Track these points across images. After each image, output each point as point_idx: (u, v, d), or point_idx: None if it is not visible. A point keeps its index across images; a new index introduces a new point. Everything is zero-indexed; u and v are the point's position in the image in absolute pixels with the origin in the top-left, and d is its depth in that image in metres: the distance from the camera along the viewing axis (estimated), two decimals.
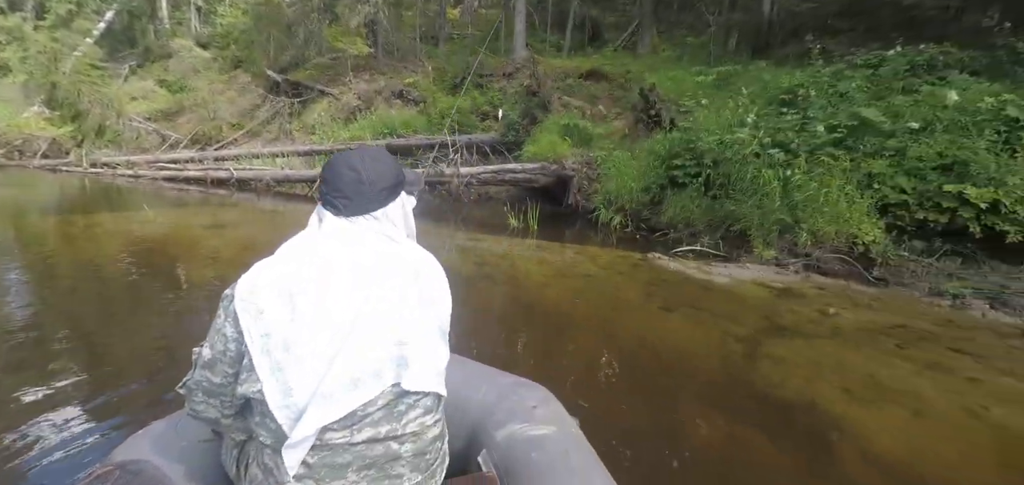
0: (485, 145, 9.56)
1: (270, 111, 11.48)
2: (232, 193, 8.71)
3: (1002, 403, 2.46)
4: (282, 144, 10.54)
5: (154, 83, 13.81)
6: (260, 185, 8.95)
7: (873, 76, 6.42)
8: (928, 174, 4.81)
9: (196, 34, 16.36)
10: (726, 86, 8.14)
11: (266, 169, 9.24)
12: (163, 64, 14.46)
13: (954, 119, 5.03)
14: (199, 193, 8.72)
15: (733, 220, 5.46)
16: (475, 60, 12.55)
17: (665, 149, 6.67)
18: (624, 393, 2.54)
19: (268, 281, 0.89)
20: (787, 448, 2.16)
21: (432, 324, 0.99)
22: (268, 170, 9.13)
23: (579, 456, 1.21)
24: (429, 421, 0.97)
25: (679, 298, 3.75)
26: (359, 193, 0.97)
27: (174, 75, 13.76)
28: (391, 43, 12.72)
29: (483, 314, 3.35)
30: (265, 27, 13.08)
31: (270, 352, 0.87)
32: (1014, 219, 4.28)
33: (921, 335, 3.25)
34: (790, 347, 3.01)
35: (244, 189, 8.94)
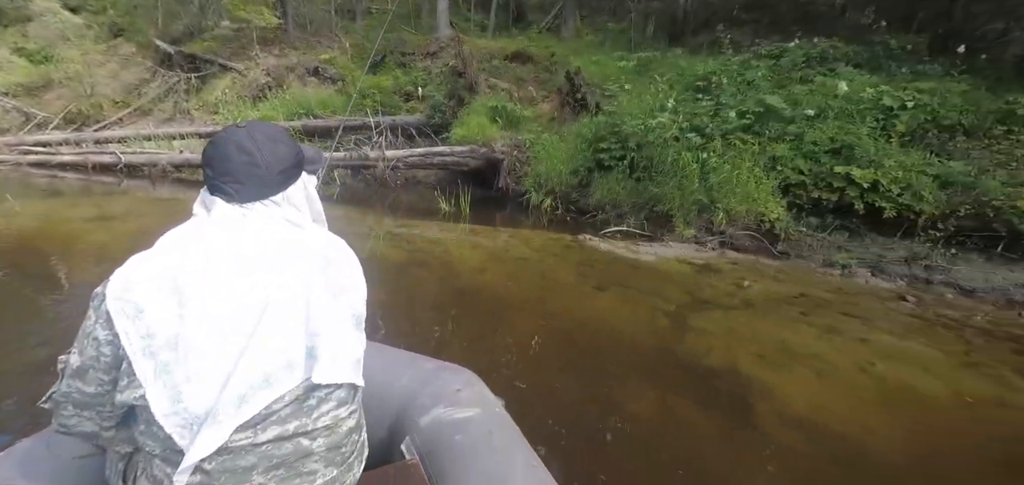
0: (410, 127, 9.28)
1: (162, 87, 10.31)
2: (120, 180, 7.77)
3: (884, 359, 2.82)
4: (179, 124, 9.53)
5: (9, 51, 11.83)
6: (155, 171, 8.04)
7: (775, 66, 7.00)
8: (822, 157, 5.33)
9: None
10: (646, 72, 8.48)
11: (161, 153, 8.32)
12: (20, 29, 12.43)
13: (843, 107, 5.61)
14: (78, 181, 7.68)
15: (656, 201, 5.74)
16: (396, 38, 12.11)
17: (592, 133, 6.85)
18: (561, 372, 2.61)
19: (147, 276, 0.81)
20: (713, 413, 2.33)
21: (344, 312, 0.94)
22: (164, 154, 8.23)
23: (503, 436, 1.22)
24: (343, 413, 0.93)
25: (610, 277, 3.90)
26: (254, 177, 0.90)
27: (36, 43, 11.89)
28: (302, 15, 11.91)
29: (418, 302, 3.28)
30: None
31: (155, 354, 0.79)
32: (889, 197, 4.87)
33: (819, 303, 3.63)
34: (711, 319, 3.23)
35: (135, 175, 8.00)
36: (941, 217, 4.71)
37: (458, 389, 1.35)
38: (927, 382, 2.60)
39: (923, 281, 4.39)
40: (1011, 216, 4.36)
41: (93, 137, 8.95)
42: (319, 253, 0.93)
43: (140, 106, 10.10)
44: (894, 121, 5.43)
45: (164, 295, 0.79)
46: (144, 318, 0.79)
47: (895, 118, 5.45)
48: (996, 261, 4.42)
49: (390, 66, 11.38)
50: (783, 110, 5.79)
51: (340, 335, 0.91)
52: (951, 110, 5.33)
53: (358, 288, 0.99)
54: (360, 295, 1.00)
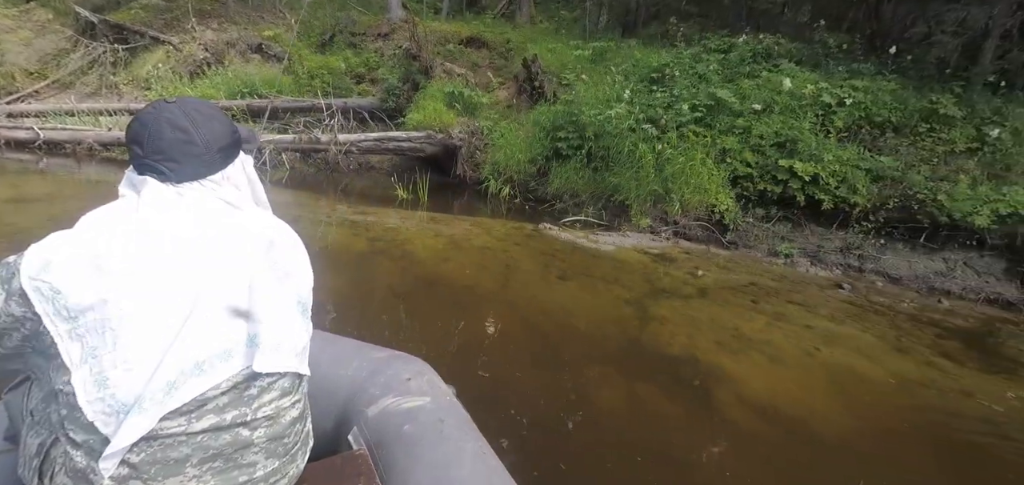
0: (363, 111, 8.97)
1: (85, 59, 9.42)
2: (39, 158, 7.06)
3: (827, 344, 3.02)
4: (106, 100, 8.74)
5: None
6: (80, 149, 7.35)
7: (724, 60, 7.25)
8: (768, 150, 5.60)
9: None
10: (601, 61, 8.58)
11: (87, 129, 7.59)
12: None
13: (787, 103, 5.90)
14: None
15: (613, 191, 5.86)
16: (345, 16, 11.63)
17: (550, 121, 6.88)
18: (527, 362, 2.62)
19: (67, 256, 0.75)
20: (676, 399, 2.42)
21: (288, 298, 0.91)
22: (90, 131, 7.52)
23: (453, 424, 1.22)
24: (286, 403, 0.90)
25: (572, 267, 3.95)
26: (190, 155, 0.85)
27: None
28: None
29: (379, 292, 3.19)
30: None
31: (81, 337, 0.75)
32: (828, 189, 5.19)
33: (768, 291, 3.83)
34: (670, 307, 3.35)
35: (56, 153, 7.29)
36: (872, 209, 5.08)
37: (408, 378, 1.34)
38: (865, 365, 2.81)
39: (856, 270, 4.73)
40: (933, 208, 4.75)
41: (5, 110, 8.06)
42: (261, 237, 0.90)
43: (59, 78, 9.16)
44: (832, 117, 5.77)
45: (86, 277, 0.74)
46: (62, 299, 0.74)
47: (833, 114, 5.80)
48: (919, 251, 4.82)
49: (340, 46, 10.92)
50: (732, 103, 6.03)
51: (284, 322, 0.88)
52: (882, 108, 5.72)
53: (304, 274, 0.96)
54: (306, 282, 0.96)
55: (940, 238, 4.81)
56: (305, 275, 0.96)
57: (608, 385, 2.49)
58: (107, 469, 0.75)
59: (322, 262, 3.68)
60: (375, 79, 10.30)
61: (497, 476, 1.12)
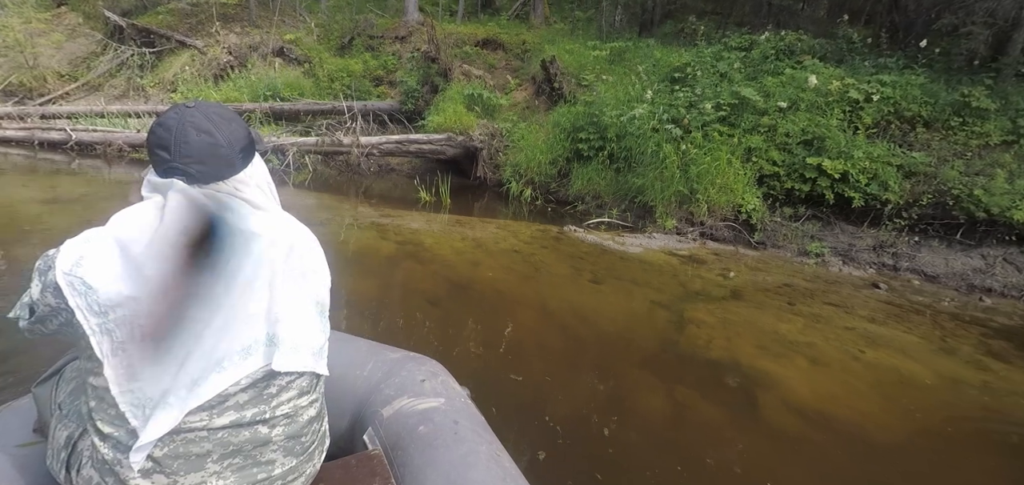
0: (382, 113, 9.05)
1: (114, 61, 9.60)
2: (72, 159, 7.21)
3: (870, 346, 2.96)
4: (134, 102, 8.90)
5: None
6: (110, 150, 7.50)
7: (746, 58, 7.16)
8: (794, 148, 5.53)
9: None
10: (620, 61, 8.52)
11: (116, 131, 7.74)
12: None
13: (812, 100, 5.81)
14: (22, 158, 7.08)
15: (637, 193, 5.82)
16: (364, 20, 11.72)
17: (570, 123, 6.86)
18: (565, 367, 2.61)
19: (99, 253, 0.78)
20: (720, 403, 2.39)
21: (307, 299, 0.92)
22: (120, 132, 7.66)
23: (468, 425, 1.22)
24: (304, 402, 0.92)
25: (603, 270, 3.92)
26: (215, 157, 0.87)
27: None
28: None
29: (412, 297, 3.20)
30: None
31: (111, 331, 0.78)
32: (858, 187, 5.10)
33: (803, 292, 3.78)
34: (706, 310, 3.31)
35: (87, 154, 7.44)
36: (905, 206, 4.98)
37: (422, 379, 1.35)
38: (911, 367, 2.75)
39: (891, 268, 4.64)
40: (968, 204, 4.65)
41: (38, 111, 8.24)
42: (282, 237, 0.91)
43: (89, 80, 9.35)
44: (860, 113, 5.67)
45: (116, 274, 0.77)
46: (94, 295, 0.77)
47: (860, 110, 5.69)
48: (955, 247, 4.72)
49: (359, 49, 11.01)
50: (757, 102, 5.95)
51: (303, 322, 0.90)
52: (912, 102, 5.61)
53: (322, 276, 0.97)
54: (324, 283, 0.98)
55: (977, 234, 4.70)
56: (323, 277, 0.98)
57: (649, 390, 2.47)
58: (136, 462, 0.79)
59: (352, 266, 3.73)
60: (393, 81, 10.37)
61: (512, 478, 1.12)
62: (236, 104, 8.44)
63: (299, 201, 5.98)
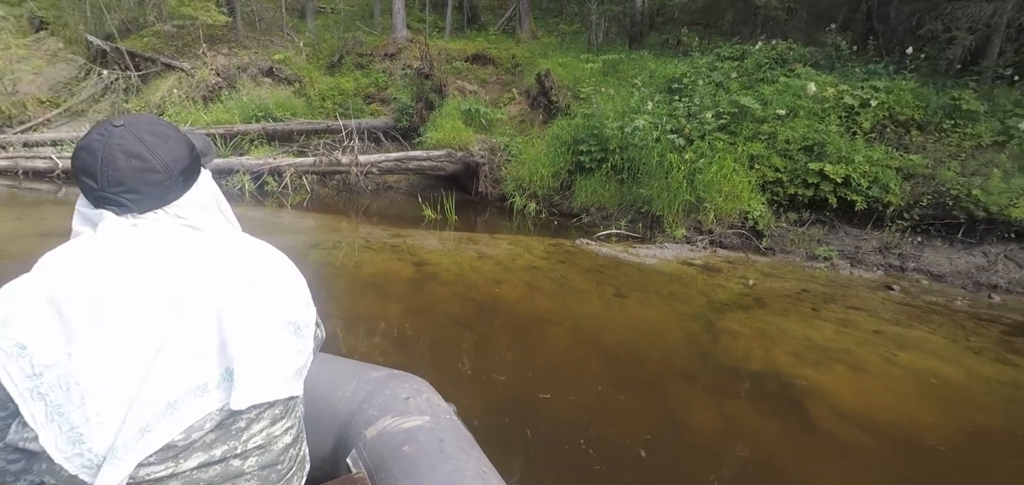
0: (377, 130, 8.98)
1: (98, 86, 9.36)
2: (59, 187, 6.97)
3: (902, 348, 3.00)
4: None
5: None
6: None
7: (739, 67, 7.30)
8: (796, 155, 5.63)
9: None
10: (614, 73, 8.62)
11: None
12: None
13: (810, 107, 5.93)
14: (7, 188, 6.83)
15: (642, 203, 5.85)
16: (352, 38, 11.66)
17: (570, 135, 6.89)
18: (607, 385, 2.58)
19: (27, 307, 0.70)
20: (769, 414, 2.38)
21: (275, 323, 0.84)
22: None
23: (453, 443, 1.20)
24: (277, 430, 0.86)
25: (624, 283, 3.91)
26: (151, 183, 0.78)
27: None
28: (251, 14, 11.19)
29: (442, 322, 3.14)
30: None
31: (44, 395, 0.70)
32: (860, 190, 5.21)
33: (823, 297, 3.82)
34: (735, 320, 3.32)
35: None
36: (907, 207, 5.10)
37: (406, 397, 1.33)
38: (946, 369, 2.79)
39: (897, 269, 4.73)
40: (968, 203, 4.77)
41: (20, 139, 7.97)
42: (233, 261, 0.83)
43: (71, 106, 9.09)
44: (856, 118, 5.81)
45: (49, 329, 0.69)
46: (28, 355, 0.69)
47: (857, 115, 5.84)
48: (957, 246, 4.83)
49: (349, 67, 10.94)
50: (756, 110, 6.06)
51: (270, 349, 0.82)
52: (905, 107, 5.77)
53: (291, 292, 0.89)
54: (296, 300, 0.89)
55: (978, 232, 4.82)
56: (294, 293, 0.89)
57: (696, 406, 2.45)
58: None
59: (373, 291, 3.65)
60: (384, 99, 10.31)
61: None
62: (228, 126, 8.30)
63: (300, 223, 5.87)
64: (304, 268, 0.90)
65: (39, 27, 10.78)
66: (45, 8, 10.56)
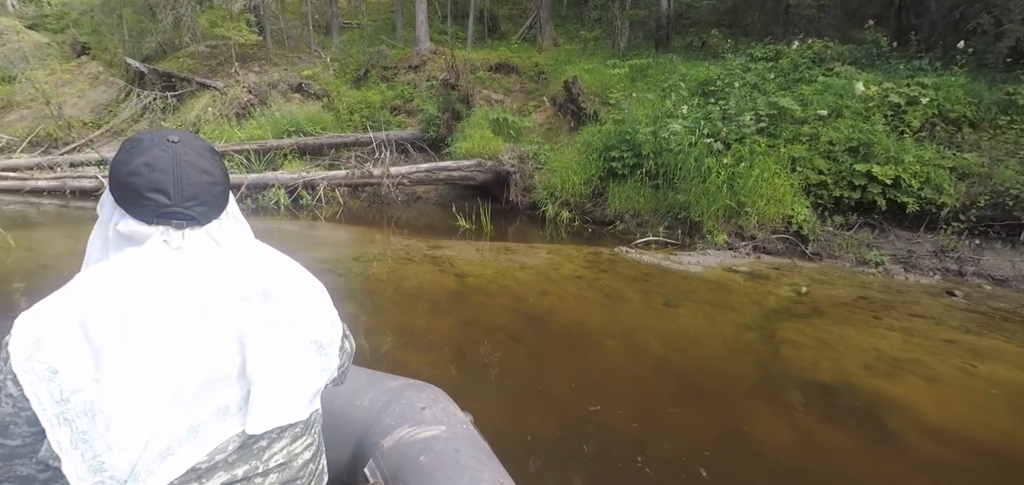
0: (404, 142, 9.04)
1: (138, 106, 9.65)
2: None
3: (978, 358, 2.83)
4: None
5: None
6: None
7: (774, 67, 7.13)
8: (840, 156, 5.44)
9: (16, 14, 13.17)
10: (641, 78, 8.52)
11: None
12: None
13: (853, 106, 5.74)
14: (57, 207, 7.04)
15: (680, 209, 5.73)
16: (376, 52, 11.80)
17: (601, 142, 6.80)
18: (669, 399, 2.48)
19: (60, 330, 0.69)
20: (846, 430, 2.26)
21: (296, 343, 0.84)
22: None
23: (469, 453, 1.19)
24: (298, 448, 0.86)
25: (672, 292, 3.81)
26: (216, 195, 0.80)
27: None
28: (280, 31, 11.42)
29: (495, 336, 3.07)
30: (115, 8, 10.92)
31: (70, 421, 0.69)
32: (911, 191, 5.01)
33: (882, 304, 3.65)
34: (794, 330, 3.18)
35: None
36: (962, 209, 4.87)
37: (423, 407, 1.33)
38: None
39: (956, 274, 4.51)
40: None
41: (67, 160, 8.24)
42: (257, 279, 0.81)
43: (113, 126, 9.39)
44: (903, 117, 5.60)
45: (79, 354, 0.69)
46: (58, 380, 0.68)
47: (903, 114, 5.63)
48: (1020, 249, 4.59)
49: (374, 80, 11.07)
50: (795, 111, 5.89)
51: (291, 371, 0.82)
52: (956, 104, 5.54)
53: (315, 310, 0.88)
54: (320, 319, 0.88)
55: None
56: (318, 312, 0.88)
57: (765, 420, 2.33)
58: None
59: (420, 304, 3.61)
60: (410, 110, 10.39)
61: None
62: (261, 142, 8.44)
63: (336, 236, 5.91)
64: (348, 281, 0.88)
65: (80, 52, 11.19)
66: (87, 34, 10.97)
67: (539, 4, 14.38)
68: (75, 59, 10.78)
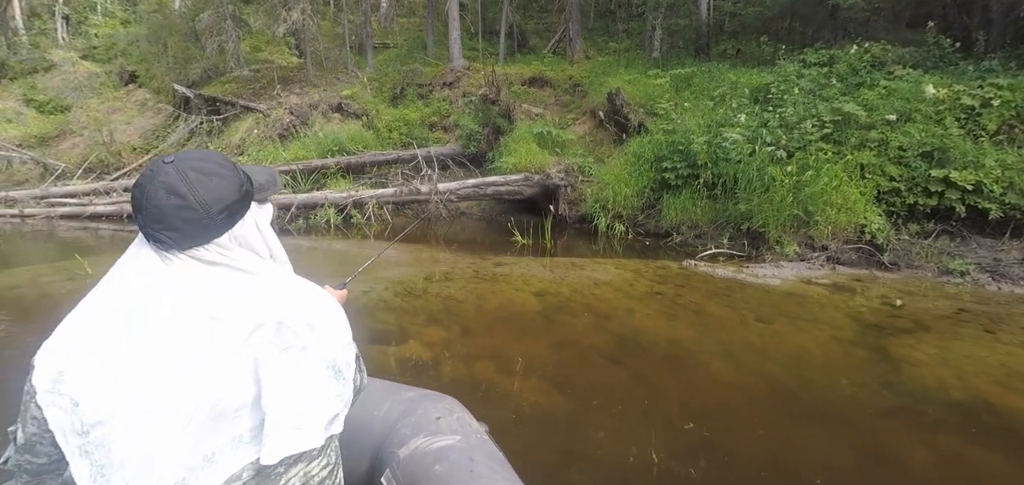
0: (445, 157, 9.05)
1: (185, 131, 9.90)
2: None
3: None
4: None
5: (17, 103, 11.28)
6: None
7: (828, 73, 6.94)
8: (912, 162, 5.24)
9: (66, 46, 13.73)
10: (686, 87, 8.40)
11: None
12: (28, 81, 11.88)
13: (923, 110, 5.54)
14: (113, 231, 7.22)
15: (742, 219, 5.57)
16: (411, 70, 11.92)
17: (652, 152, 6.70)
18: (802, 423, 2.35)
19: (79, 361, 0.71)
20: (1000, 452, 2.10)
21: (311, 370, 0.83)
22: None
23: (483, 462, 1.20)
24: (314, 469, 0.87)
25: (759, 307, 3.67)
26: (190, 221, 0.77)
27: (47, 94, 11.32)
28: (318, 53, 11.63)
29: (593, 356, 2.96)
30: (162, 37, 11.28)
31: (90, 454, 0.71)
32: (993, 197, 4.77)
33: (989, 317, 3.45)
34: (904, 345, 3.01)
35: None
36: None
37: (438, 417, 1.34)
38: None
39: None
40: None
41: (121, 185, 8.48)
42: (270, 307, 0.80)
43: (161, 151, 9.65)
44: (978, 120, 5.37)
45: (99, 387, 0.70)
46: (79, 413, 0.70)
47: (978, 117, 5.40)
48: None
49: (411, 97, 11.17)
50: (860, 116, 5.70)
51: (306, 398, 0.81)
52: None
53: (331, 336, 0.86)
54: (336, 343, 0.87)
55: None
56: (333, 336, 0.86)
57: (902, 441, 2.18)
58: None
59: (508, 326, 3.47)
60: (447, 126, 10.43)
61: None
62: (306, 162, 8.55)
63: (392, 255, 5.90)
64: (427, 303, 0.82)
65: (128, 80, 11.56)
66: (135, 62, 11.36)
67: (568, 18, 14.43)
68: (123, 87, 11.14)
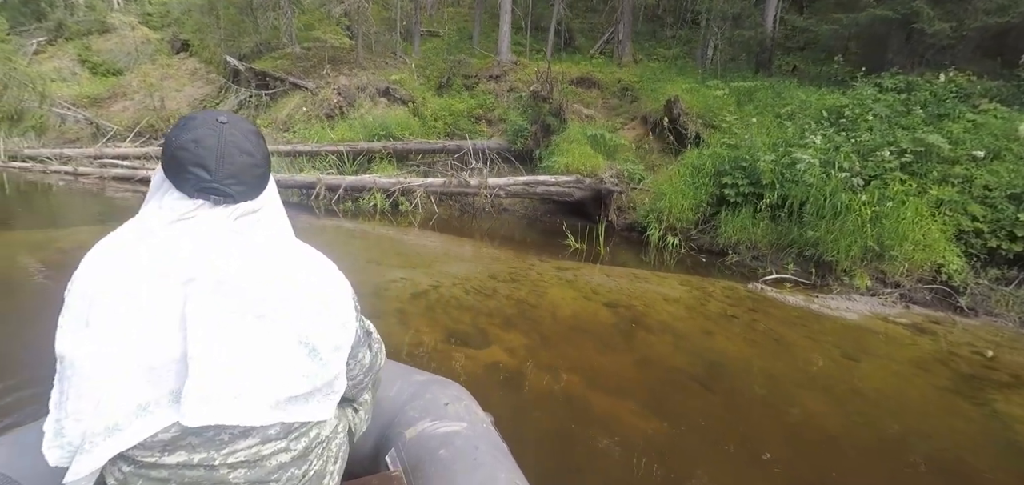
0: (491, 151, 8.96)
1: (234, 102, 10.02)
2: None
3: None
4: None
5: (72, 63, 11.57)
6: None
7: (906, 100, 6.63)
8: (999, 203, 4.95)
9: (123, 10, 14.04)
10: (748, 101, 8.15)
11: None
12: (83, 42, 12.19)
13: (1015, 149, 5.23)
14: None
15: (807, 245, 5.35)
16: (458, 60, 11.86)
17: (712, 166, 6.50)
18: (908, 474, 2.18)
19: (68, 304, 0.75)
20: None
21: (279, 339, 0.79)
22: None
23: (487, 451, 1.21)
24: (268, 450, 0.83)
25: (842, 342, 3.47)
26: (256, 177, 0.82)
27: (100, 56, 11.60)
28: (368, 36, 11.64)
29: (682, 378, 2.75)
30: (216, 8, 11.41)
31: (59, 381, 0.77)
32: None
33: None
34: (1012, 401, 2.81)
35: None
36: None
37: (446, 403, 1.36)
38: None
39: None
40: None
41: None
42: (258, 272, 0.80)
43: None
44: None
45: (72, 325, 0.74)
46: (59, 339, 0.76)
47: None
48: None
49: (457, 87, 11.11)
50: (943, 149, 5.42)
51: (258, 368, 0.78)
52: None
53: (319, 310, 0.83)
54: (324, 319, 0.84)
55: None
56: (323, 312, 0.84)
57: None
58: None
59: (587, 339, 3.21)
60: (491, 120, 10.34)
61: None
62: (352, 144, 8.56)
63: (431, 244, 5.85)
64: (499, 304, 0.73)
65: (180, 48, 11.75)
66: (188, 32, 11.56)
67: (619, 19, 14.20)
68: (175, 55, 11.32)
